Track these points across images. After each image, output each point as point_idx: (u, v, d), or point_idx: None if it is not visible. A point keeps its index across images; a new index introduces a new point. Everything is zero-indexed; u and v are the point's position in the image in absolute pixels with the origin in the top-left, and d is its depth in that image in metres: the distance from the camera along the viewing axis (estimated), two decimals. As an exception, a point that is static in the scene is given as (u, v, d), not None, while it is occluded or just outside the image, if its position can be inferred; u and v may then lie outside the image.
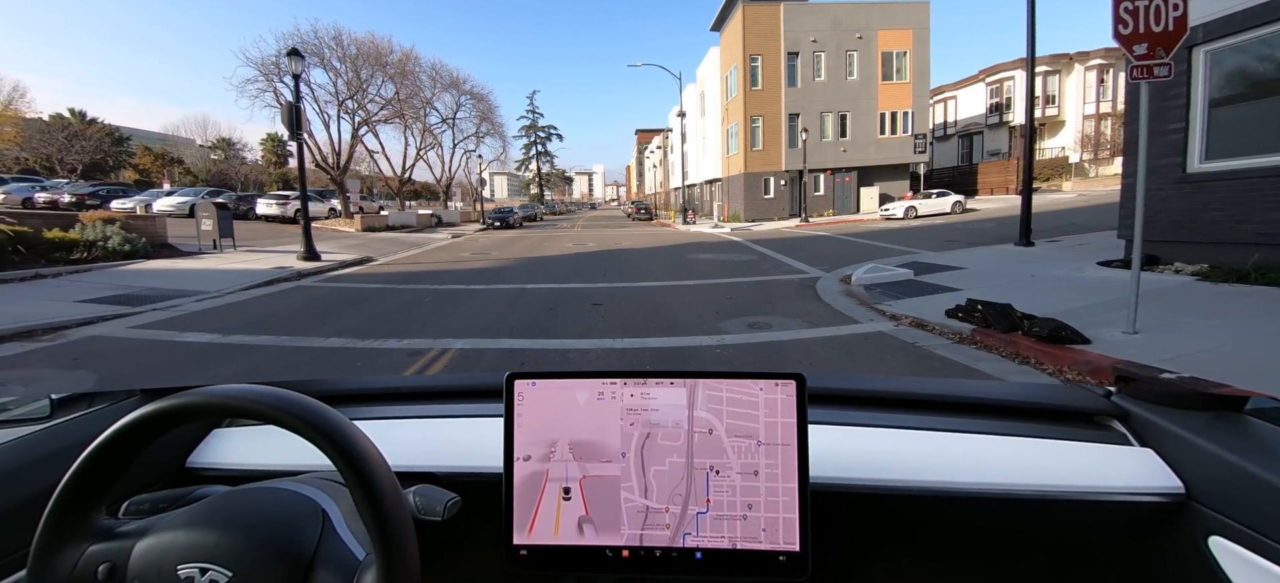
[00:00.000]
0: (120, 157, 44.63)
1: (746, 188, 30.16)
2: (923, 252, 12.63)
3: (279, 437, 0.81)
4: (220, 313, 7.88)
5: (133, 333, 6.78)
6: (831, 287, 9.08)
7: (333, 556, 0.75)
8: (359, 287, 10.17)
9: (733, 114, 31.59)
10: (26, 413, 1.15)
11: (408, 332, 6.56)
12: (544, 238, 22.88)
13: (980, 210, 25.77)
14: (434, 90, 35.59)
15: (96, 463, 0.72)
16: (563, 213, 64.09)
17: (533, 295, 8.89)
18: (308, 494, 0.83)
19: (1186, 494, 0.97)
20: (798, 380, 0.91)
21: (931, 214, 24.93)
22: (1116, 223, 8.81)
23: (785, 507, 0.90)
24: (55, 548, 0.72)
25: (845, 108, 30.21)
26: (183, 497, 0.88)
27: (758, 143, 29.97)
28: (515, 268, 12.71)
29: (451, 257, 15.56)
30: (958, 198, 25.67)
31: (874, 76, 30.24)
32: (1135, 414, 1.13)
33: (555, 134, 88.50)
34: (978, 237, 15.24)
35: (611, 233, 25.57)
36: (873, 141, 30.63)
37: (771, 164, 30.12)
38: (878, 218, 26.26)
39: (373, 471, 0.68)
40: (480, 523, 1.04)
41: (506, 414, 0.95)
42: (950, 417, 1.19)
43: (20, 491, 0.95)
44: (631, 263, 13.21)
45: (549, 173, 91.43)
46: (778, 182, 30.27)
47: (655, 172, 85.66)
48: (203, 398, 0.70)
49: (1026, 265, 9.40)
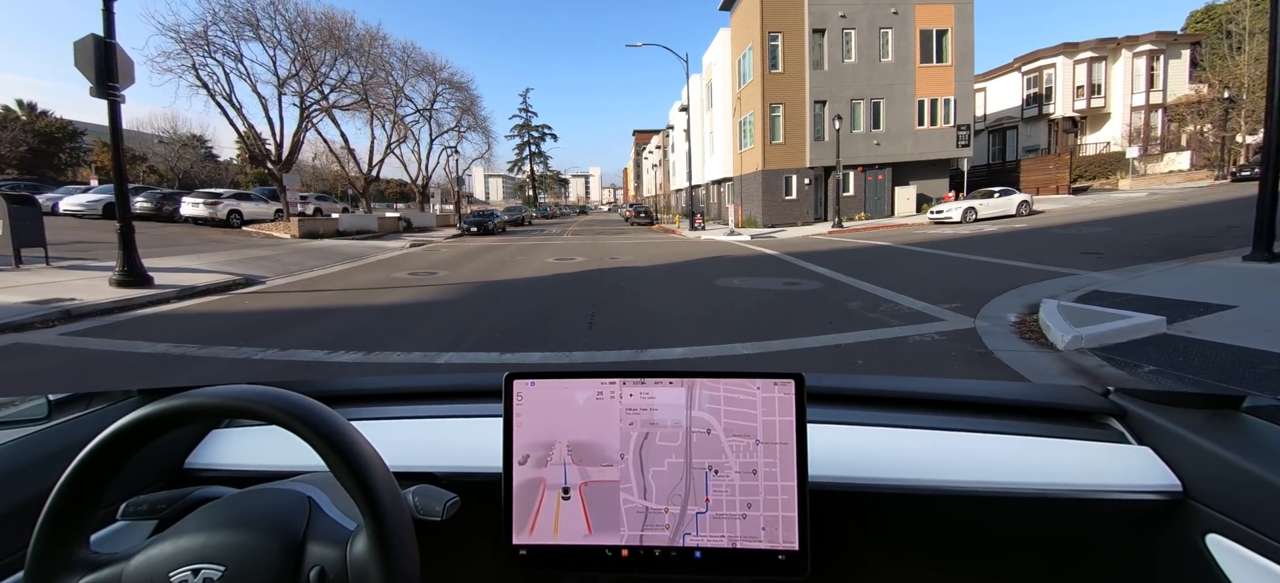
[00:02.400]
0: (76, 152, 40.54)
1: (764, 188, 25.84)
2: (1080, 272, 8.32)
3: (278, 437, 0.81)
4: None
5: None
6: (1014, 347, 4.80)
7: (323, 530, 0.76)
8: (126, 349, 5.73)
9: (748, 103, 27.30)
10: (23, 414, 1.13)
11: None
12: (523, 248, 18.45)
13: (1046, 212, 21.54)
14: (406, 76, 31.23)
15: (90, 468, 0.71)
16: (555, 217, 59.57)
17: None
18: (294, 489, 0.84)
19: (1184, 492, 0.97)
20: (796, 380, 0.91)
21: (994, 217, 20.68)
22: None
23: (784, 506, 0.90)
24: (47, 579, 0.70)
25: (879, 94, 25.97)
26: (181, 498, 0.87)
27: (778, 135, 25.67)
28: (455, 304, 8.31)
29: (380, 279, 11.12)
30: (1024, 197, 21.41)
31: (912, 58, 26.02)
32: (1133, 412, 1.13)
33: (549, 134, 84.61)
34: (1112, 247, 10.97)
35: (607, 241, 21.20)
36: (910, 133, 26.40)
37: (793, 160, 25.82)
38: (924, 222, 21.99)
39: (370, 471, 0.68)
40: (480, 523, 1.03)
41: (506, 415, 0.95)
42: (949, 415, 1.18)
43: (18, 493, 0.93)
44: (636, 293, 8.75)
45: (543, 174, 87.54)
46: (801, 180, 25.97)
47: (654, 173, 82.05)
48: (200, 399, 0.70)
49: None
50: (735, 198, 29.80)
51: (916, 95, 26.27)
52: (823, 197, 26.38)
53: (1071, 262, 9.50)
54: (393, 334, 6.22)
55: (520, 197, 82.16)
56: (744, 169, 28.25)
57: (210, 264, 11.63)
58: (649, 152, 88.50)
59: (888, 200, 26.48)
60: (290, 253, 15.13)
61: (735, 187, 30.22)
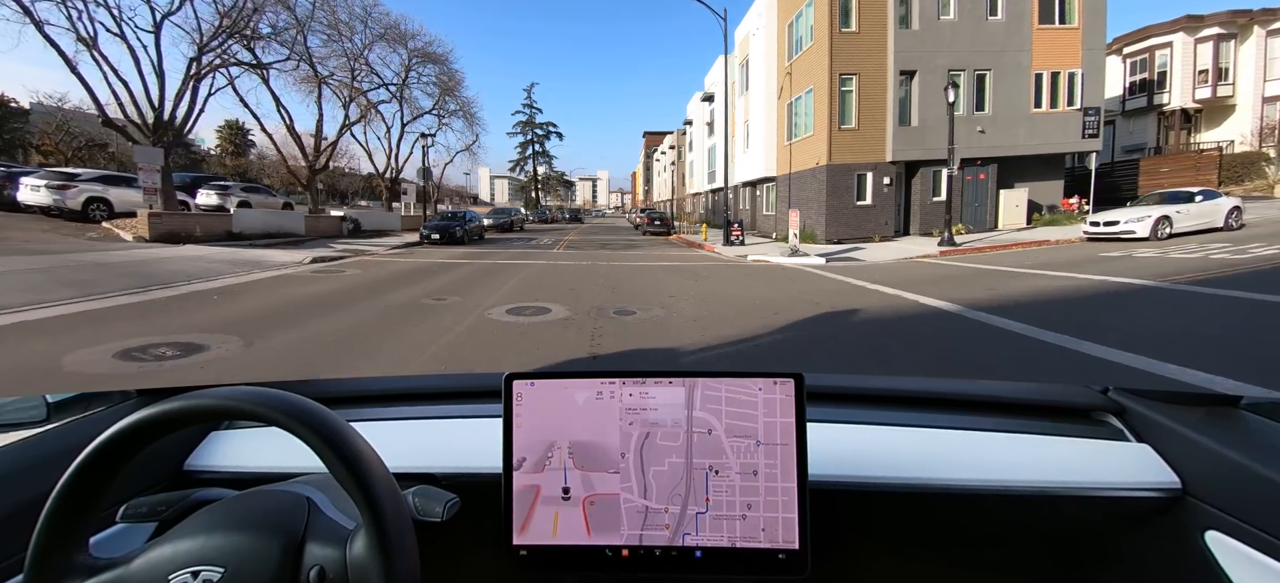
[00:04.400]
0: (21, 134, 34.82)
1: (830, 189, 19.00)
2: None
3: (278, 438, 0.81)
4: None
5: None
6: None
7: (323, 531, 0.75)
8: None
9: (804, 77, 20.58)
10: (21, 416, 1.11)
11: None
12: (479, 274, 11.68)
13: (1254, 223, 14.64)
14: (367, 40, 24.82)
15: (90, 471, 0.70)
16: (554, 221, 52.68)
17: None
18: (293, 490, 0.83)
19: (1183, 490, 0.97)
20: (796, 379, 0.90)
21: (1196, 231, 13.79)
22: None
23: (784, 506, 0.89)
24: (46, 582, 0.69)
25: (984, 63, 19.19)
26: (181, 500, 0.86)
27: (849, 117, 18.90)
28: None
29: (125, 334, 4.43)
30: (1234, 203, 14.52)
31: (1028, 15, 19.22)
32: (1132, 410, 1.12)
33: (554, 132, 78.18)
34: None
35: (612, 264, 14.48)
36: (1024, 118, 19.58)
37: (869, 151, 19.02)
38: (1070, 238, 15.15)
39: (369, 472, 0.68)
40: (480, 524, 1.02)
41: (505, 415, 0.94)
42: (948, 414, 1.18)
43: (16, 496, 0.91)
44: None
45: (547, 175, 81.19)
46: (878, 180, 19.16)
47: (666, 176, 75.59)
48: (200, 402, 0.69)
49: None
50: (780, 202, 23.07)
51: (1032, 66, 19.46)
52: (903, 202, 19.58)
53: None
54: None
55: (522, 198, 75.86)
56: (796, 165, 21.50)
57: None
58: (660, 153, 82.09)
59: (990, 207, 19.62)
60: (64, 269, 8.54)
61: (779, 189, 23.47)
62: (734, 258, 15.29)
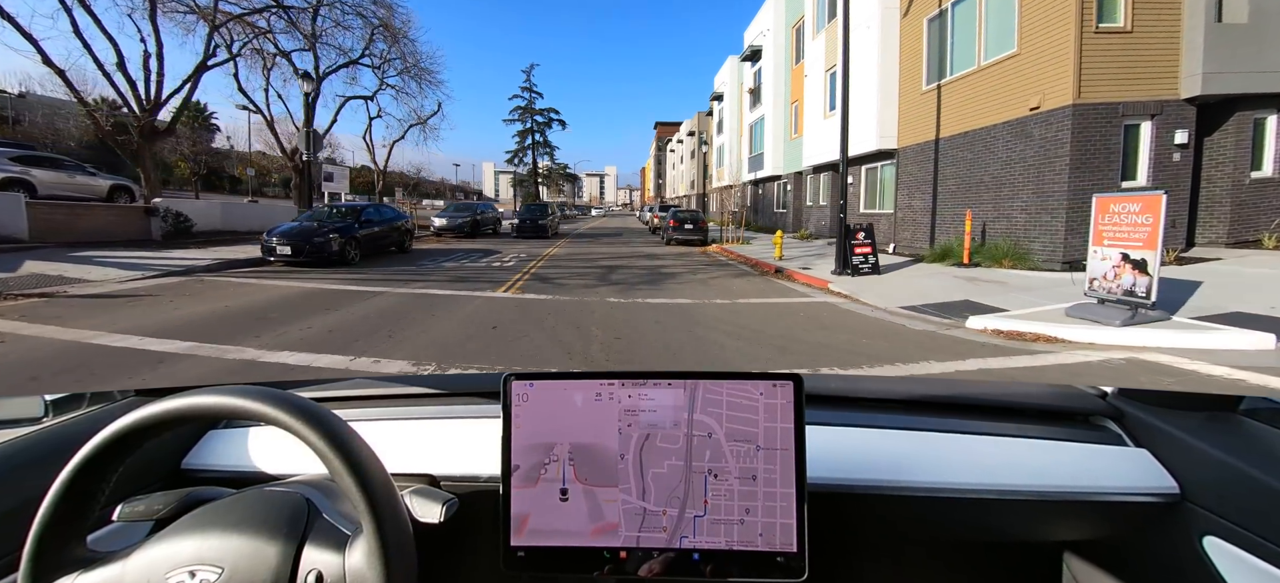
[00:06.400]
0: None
1: (1077, 157, 9.28)
2: None
3: (276, 439, 0.77)
4: None
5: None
6: None
7: (322, 533, 0.74)
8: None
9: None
10: (20, 414, 1.10)
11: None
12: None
13: None
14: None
15: (87, 469, 0.69)
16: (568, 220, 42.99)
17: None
18: (292, 491, 0.82)
19: (1181, 495, 0.96)
20: (795, 382, 0.90)
21: None
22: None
23: (783, 511, 0.89)
24: (43, 580, 0.69)
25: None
26: (178, 499, 0.85)
27: (1115, 14, 9.21)
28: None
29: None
30: None
31: None
32: (1130, 415, 1.11)
33: (556, 119, 68.46)
34: None
35: (615, 343, 4.91)
36: None
37: (1150, 79, 9.31)
38: None
39: (368, 474, 0.67)
40: (479, 525, 1.02)
41: (505, 416, 0.92)
42: (947, 418, 1.16)
43: (14, 494, 0.91)
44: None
45: (549, 168, 71.59)
46: (1161, 136, 9.47)
47: (681, 168, 65.88)
48: (198, 401, 0.68)
49: None
50: (904, 192, 13.48)
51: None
52: (1193, 179, 9.90)
53: None
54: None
55: (521, 192, 66.47)
56: (958, 123, 11.89)
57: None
58: (674, 144, 72.22)
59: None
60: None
61: (909, 168, 13.82)
62: (912, 329, 5.78)
